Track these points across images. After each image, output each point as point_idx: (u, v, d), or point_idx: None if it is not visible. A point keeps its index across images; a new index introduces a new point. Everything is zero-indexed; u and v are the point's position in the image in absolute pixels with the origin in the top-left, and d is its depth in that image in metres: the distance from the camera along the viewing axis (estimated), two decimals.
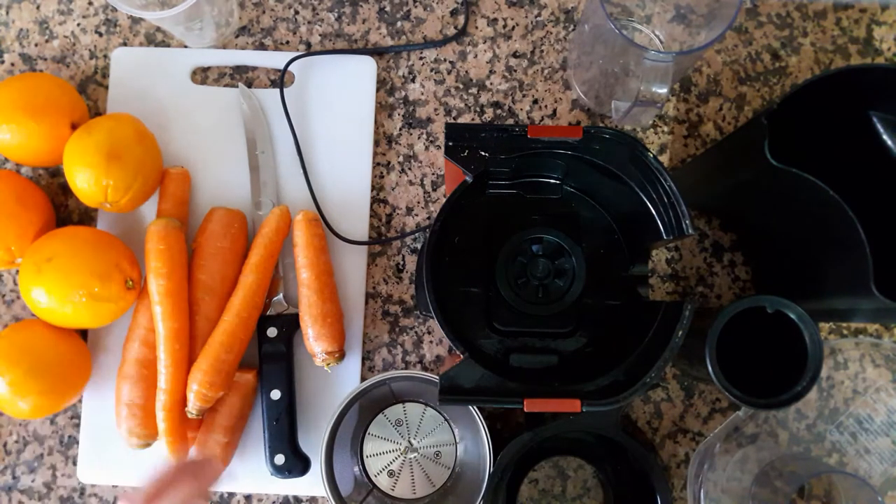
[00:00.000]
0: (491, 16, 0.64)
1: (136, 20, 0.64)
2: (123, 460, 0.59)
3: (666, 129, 0.63)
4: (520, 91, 0.63)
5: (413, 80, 0.63)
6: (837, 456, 0.57)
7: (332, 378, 0.60)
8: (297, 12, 0.64)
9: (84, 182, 0.56)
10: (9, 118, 0.56)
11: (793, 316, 0.47)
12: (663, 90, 0.48)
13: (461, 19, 0.64)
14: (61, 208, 0.63)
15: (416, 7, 0.64)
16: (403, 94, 0.63)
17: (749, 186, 0.52)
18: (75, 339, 0.58)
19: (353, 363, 0.60)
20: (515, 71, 0.63)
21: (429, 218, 0.62)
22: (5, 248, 0.56)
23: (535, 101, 0.63)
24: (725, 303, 0.58)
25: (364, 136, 0.62)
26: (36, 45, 0.65)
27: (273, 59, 0.63)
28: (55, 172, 0.63)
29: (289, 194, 0.62)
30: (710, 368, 0.47)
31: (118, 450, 0.59)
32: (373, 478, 0.58)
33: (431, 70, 0.64)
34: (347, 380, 0.60)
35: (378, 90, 0.63)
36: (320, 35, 0.64)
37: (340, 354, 0.58)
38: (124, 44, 0.64)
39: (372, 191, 0.62)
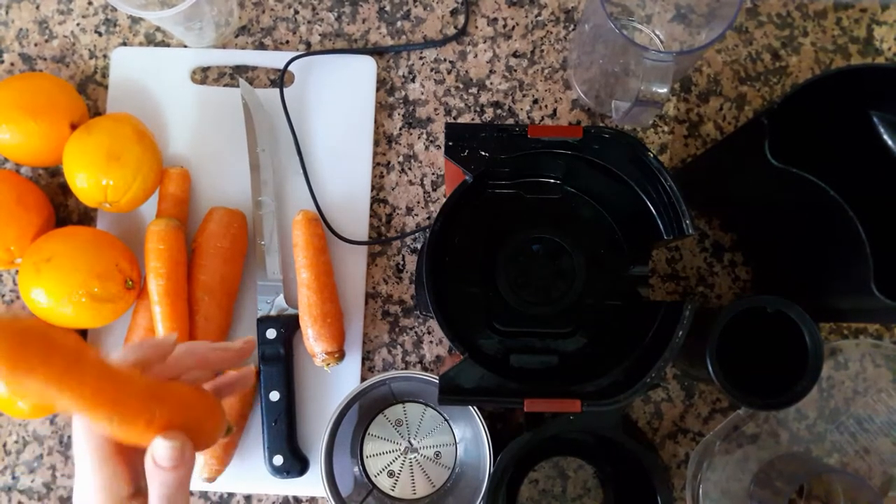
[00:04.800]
0: (491, 15, 0.64)
1: (135, 20, 0.64)
2: None
3: (666, 128, 0.63)
4: (520, 91, 0.63)
5: (413, 80, 0.63)
6: (837, 456, 0.57)
7: (332, 378, 0.60)
8: (296, 12, 0.64)
9: (84, 182, 0.56)
10: (9, 118, 0.56)
11: (793, 316, 0.47)
12: (663, 90, 0.48)
13: (461, 19, 0.64)
14: (61, 208, 0.63)
15: (416, 7, 0.64)
16: (403, 93, 0.63)
17: (749, 186, 0.52)
18: None
19: (353, 363, 0.60)
20: (515, 71, 0.63)
21: (429, 218, 0.62)
22: (5, 248, 0.56)
23: (535, 101, 0.63)
24: (725, 303, 0.58)
25: (364, 136, 0.62)
26: (36, 44, 0.65)
27: (273, 59, 0.63)
28: (55, 172, 0.63)
29: (289, 194, 0.62)
30: (710, 368, 0.47)
31: None
32: (373, 478, 0.58)
33: (431, 70, 0.64)
34: (347, 380, 0.60)
35: (378, 90, 0.63)
36: (320, 35, 0.64)
37: (340, 354, 0.58)
38: (124, 44, 0.64)
39: (372, 191, 0.62)
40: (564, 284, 0.51)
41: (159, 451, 0.33)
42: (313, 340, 0.57)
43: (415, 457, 0.58)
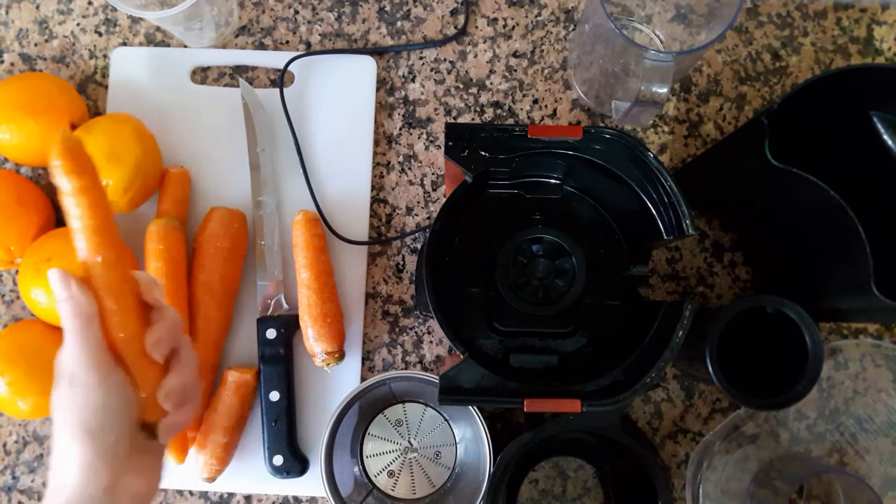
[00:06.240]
0: (491, 15, 0.64)
1: (135, 20, 0.64)
2: None
3: (666, 128, 0.63)
4: (520, 91, 0.63)
5: (413, 80, 0.63)
6: (837, 456, 0.57)
7: (332, 378, 0.60)
8: (296, 12, 0.64)
9: None
10: (9, 118, 0.56)
11: (793, 316, 0.47)
12: (664, 90, 0.48)
13: (461, 19, 0.64)
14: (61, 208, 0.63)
15: (416, 7, 0.64)
16: (403, 93, 0.63)
17: (749, 186, 0.52)
18: None
19: (353, 363, 0.60)
20: (515, 71, 0.63)
21: (429, 218, 0.62)
22: (5, 248, 0.56)
23: (536, 101, 0.63)
24: (725, 303, 0.58)
25: (364, 136, 0.62)
26: (36, 45, 0.65)
27: (273, 59, 0.63)
28: None
29: (289, 194, 0.62)
30: (710, 368, 0.47)
31: None
32: (373, 478, 0.58)
33: (431, 70, 0.64)
34: (347, 380, 0.60)
35: (378, 90, 0.63)
36: (320, 35, 0.64)
37: (340, 354, 0.58)
38: (124, 44, 0.64)
39: (372, 191, 0.62)
40: (564, 284, 0.51)
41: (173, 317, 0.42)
42: (313, 340, 0.57)
43: (415, 457, 0.58)
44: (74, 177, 0.39)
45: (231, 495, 0.61)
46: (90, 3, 0.65)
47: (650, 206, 0.50)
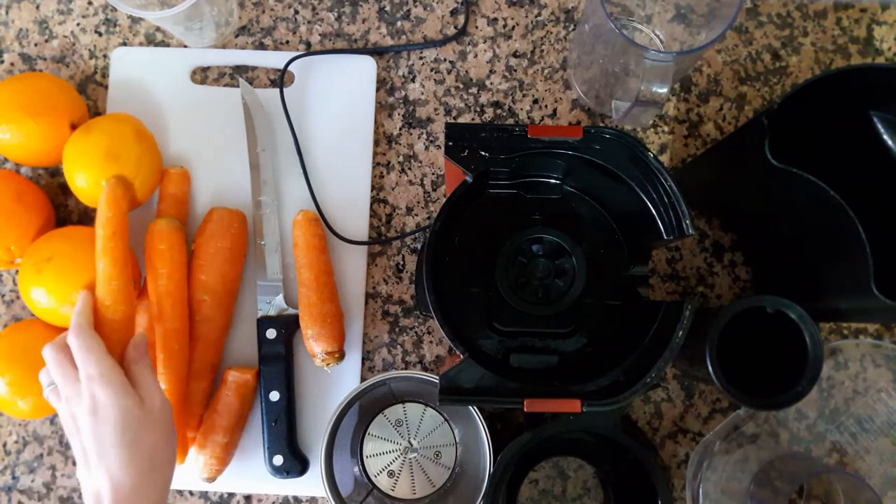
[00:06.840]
0: (491, 15, 0.64)
1: (135, 20, 0.64)
2: None
3: (666, 128, 0.63)
4: (520, 91, 0.63)
5: (413, 80, 0.63)
6: (837, 456, 0.57)
7: (332, 378, 0.60)
8: (296, 12, 0.64)
9: (84, 182, 0.56)
10: (9, 118, 0.56)
11: (793, 316, 0.47)
12: (663, 90, 0.48)
13: (461, 19, 0.64)
14: (61, 208, 0.63)
15: (416, 7, 0.64)
16: (403, 93, 0.63)
17: (749, 186, 0.52)
18: None
19: (353, 363, 0.60)
20: (515, 71, 0.63)
21: (429, 218, 0.62)
22: (5, 248, 0.56)
23: (536, 101, 0.63)
24: (725, 303, 0.58)
25: (364, 136, 0.62)
26: (36, 44, 0.65)
27: (273, 59, 0.63)
28: (55, 172, 0.63)
29: (289, 194, 0.62)
30: (710, 368, 0.47)
31: None
32: (373, 478, 0.58)
33: (431, 70, 0.64)
34: (347, 380, 0.60)
35: (378, 90, 0.63)
36: (320, 35, 0.64)
37: (340, 354, 0.58)
38: (124, 44, 0.64)
39: (372, 191, 0.62)
40: (564, 284, 0.51)
41: (138, 338, 0.52)
42: (313, 340, 0.57)
43: (415, 457, 0.58)
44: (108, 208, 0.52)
45: (231, 495, 0.61)
46: (90, 3, 0.65)
47: (650, 206, 0.50)
